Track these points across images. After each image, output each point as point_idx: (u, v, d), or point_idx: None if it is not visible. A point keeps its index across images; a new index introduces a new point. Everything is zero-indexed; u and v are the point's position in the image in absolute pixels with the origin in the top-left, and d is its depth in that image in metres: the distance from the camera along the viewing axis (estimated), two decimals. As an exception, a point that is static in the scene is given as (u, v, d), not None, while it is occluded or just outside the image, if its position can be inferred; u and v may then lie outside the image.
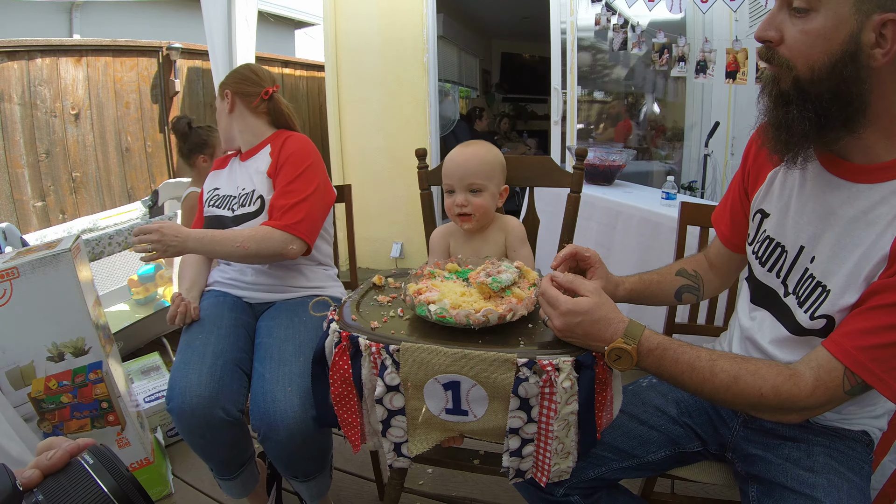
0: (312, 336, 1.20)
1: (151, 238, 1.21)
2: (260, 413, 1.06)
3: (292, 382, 1.08)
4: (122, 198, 3.34)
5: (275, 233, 1.24)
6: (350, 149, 3.61)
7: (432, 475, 1.61)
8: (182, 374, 1.10)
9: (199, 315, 1.26)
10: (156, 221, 1.30)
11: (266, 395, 1.07)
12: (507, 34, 6.98)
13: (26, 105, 2.83)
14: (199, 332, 1.21)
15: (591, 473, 0.92)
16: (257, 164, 1.39)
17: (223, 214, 1.38)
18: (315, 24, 7.07)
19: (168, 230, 1.22)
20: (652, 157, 3.76)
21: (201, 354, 1.13)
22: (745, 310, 0.93)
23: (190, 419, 1.07)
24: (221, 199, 1.42)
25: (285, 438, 1.05)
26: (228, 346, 1.17)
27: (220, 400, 1.07)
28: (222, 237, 1.25)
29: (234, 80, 1.44)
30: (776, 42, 0.70)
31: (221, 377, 1.10)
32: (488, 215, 1.13)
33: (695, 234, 1.30)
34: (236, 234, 1.26)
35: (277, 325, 1.24)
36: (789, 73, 0.69)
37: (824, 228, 0.76)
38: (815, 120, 0.69)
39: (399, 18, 3.30)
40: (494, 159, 1.13)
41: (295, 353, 1.15)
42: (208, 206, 1.44)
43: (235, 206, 1.37)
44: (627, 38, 2.87)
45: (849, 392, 0.69)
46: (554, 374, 0.74)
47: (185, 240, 1.23)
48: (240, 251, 1.24)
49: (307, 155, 1.34)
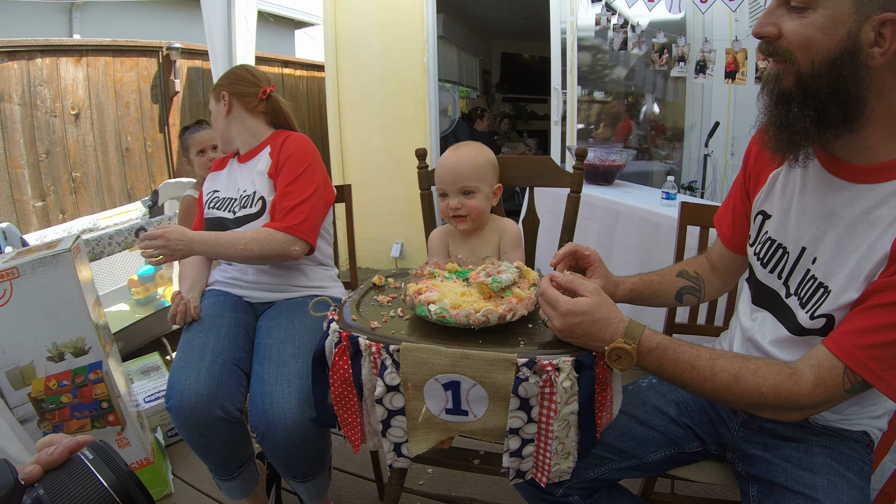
0: (312, 338, 1.20)
1: (157, 244, 1.22)
2: (258, 414, 1.07)
3: (291, 384, 1.08)
4: (122, 198, 3.34)
5: (277, 234, 1.25)
6: (350, 149, 3.61)
7: (432, 475, 1.61)
8: (181, 373, 1.10)
9: (200, 314, 1.26)
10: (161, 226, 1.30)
11: (264, 396, 1.07)
12: (507, 34, 6.98)
13: (26, 105, 2.83)
14: (198, 331, 1.21)
15: (591, 473, 0.92)
16: (258, 165, 1.39)
17: (224, 216, 1.38)
18: (315, 24, 7.07)
19: (173, 234, 1.23)
20: (652, 157, 3.76)
21: (200, 353, 1.14)
22: (746, 311, 0.93)
23: (188, 417, 1.07)
24: (222, 201, 1.42)
25: (283, 439, 1.05)
26: (228, 346, 1.18)
27: (218, 398, 1.07)
28: (226, 239, 1.26)
29: (230, 81, 1.43)
30: (774, 37, 0.70)
31: (220, 376, 1.10)
32: (483, 215, 1.15)
33: (695, 235, 1.30)
34: (240, 236, 1.26)
35: (277, 325, 1.24)
36: (791, 67, 0.69)
37: (826, 229, 0.76)
38: (816, 117, 0.69)
39: (399, 18, 3.30)
40: (485, 160, 1.14)
41: (294, 355, 1.15)
42: (208, 207, 1.44)
43: (237, 208, 1.37)
44: (627, 38, 2.87)
45: (849, 391, 0.69)
46: (554, 374, 0.74)
47: (189, 242, 1.24)
48: (244, 253, 1.25)
49: (307, 155, 1.34)
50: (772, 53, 0.71)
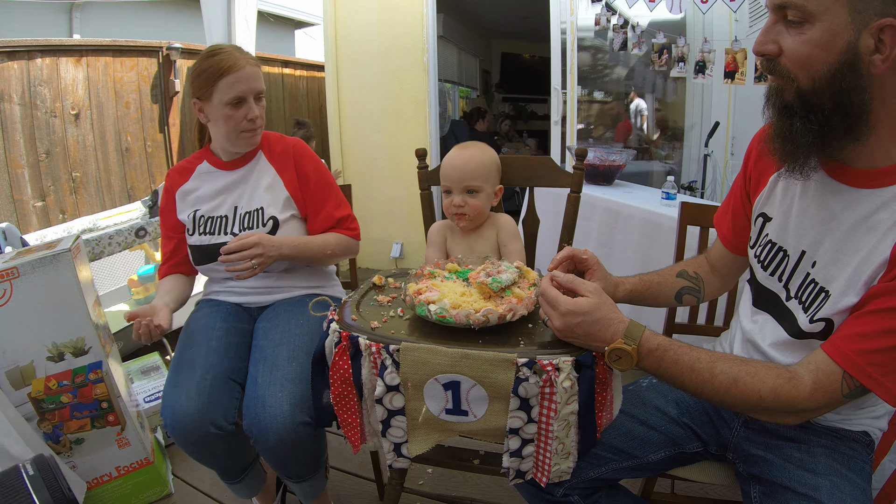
0: (308, 340, 1.19)
1: (254, 252, 1.15)
2: (251, 417, 1.07)
3: (283, 388, 1.07)
4: (122, 198, 3.33)
5: (353, 242, 1.36)
6: (350, 149, 3.61)
7: (432, 475, 1.61)
8: (171, 393, 1.09)
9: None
10: (247, 233, 1.20)
11: (257, 399, 1.07)
12: (507, 34, 6.99)
13: (26, 105, 2.82)
14: (189, 347, 1.19)
15: (591, 473, 0.92)
16: (260, 178, 1.29)
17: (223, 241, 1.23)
18: (315, 24, 7.07)
19: (266, 241, 1.17)
20: (652, 157, 3.76)
21: (190, 371, 1.12)
22: (746, 313, 0.93)
23: (182, 436, 1.08)
24: (213, 223, 1.29)
25: (275, 443, 1.05)
26: (218, 360, 1.15)
27: (209, 416, 1.07)
28: (314, 244, 1.27)
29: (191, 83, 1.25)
30: (775, 54, 0.70)
31: (210, 393, 1.09)
32: (482, 215, 1.17)
33: (695, 235, 1.30)
34: (325, 241, 1.28)
35: (274, 326, 1.23)
36: (792, 84, 0.69)
37: (825, 233, 0.76)
38: (819, 131, 0.69)
39: (399, 18, 3.30)
40: (490, 161, 1.16)
41: (288, 358, 1.14)
42: (198, 234, 1.28)
43: (236, 230, 1.27)
44: (627, 39, 2.87)
45: (847, 395, 0.69)
46: (554, 374, 0.74)
47: (279, 247, 1.20)
48: (327, 257, 1.30)
49: (313, 156, 1.34)
50: (772, 71, 0.71)
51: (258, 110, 1.24)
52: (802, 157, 0.73)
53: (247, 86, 1.21)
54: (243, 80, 1.20)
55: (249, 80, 1.21)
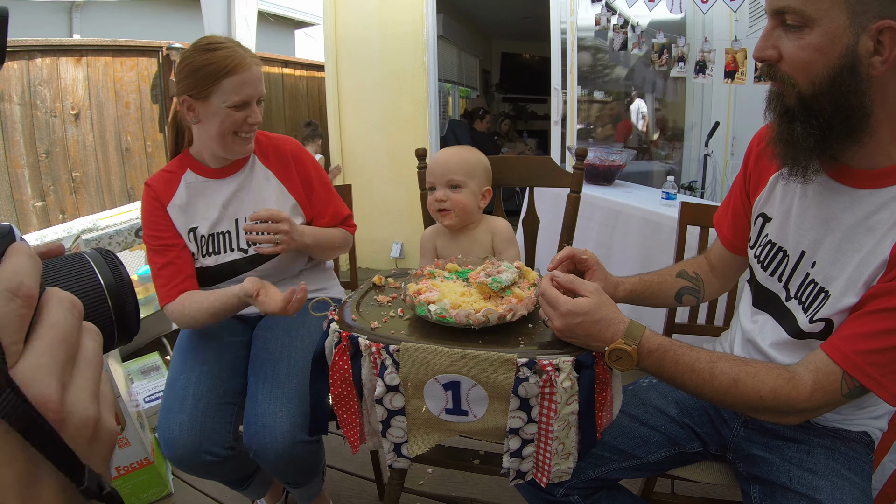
0: (307, 353, 1.15)
1: (282, 227, 1.09)
2: (251, 433, 1.07)
3: (283, 407, 1.07)
4: (122, 198, 3.33)
5: (351, 238, 1.37)
6: (350, 149, 3.61)
7: (432, 475, 1.61)
8: (165, 424, 1.08)
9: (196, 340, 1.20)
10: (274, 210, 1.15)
11: (257, 417, 1.07)
12: (507, 34, 6.99)
13: (26, 105, 2.82)
14: (181, 372, 1.15)
15: (592, 473, 0.92)
16: (258, 185, 1.22)
17: (233, 259, 1.19)
18: (315, 24, 7.07)
19: (293, 224, 1.13)
20: (652, 157, 3.76)
21: (181, 400, 1.10)
22: (746, 313, 0.93)
23: (179, 463, 1.08)
24: (216, 241, 1.19)
25: (274, 460, 1.05)
26: (211, 385, 1.12)
27: (203, 445, 1.06)
28: (327, 238, 1.27)
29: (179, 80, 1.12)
30: (775, 60, 0.70)
31: (203, 422, 1.07)
32: (468, 212, 1.14)
33: (695, 235, 1.30)
34: (333, 236, 1.29)
35: (273, 336, 1.20)
36: (793, 90, 0.69)
37: (825, 234, 0.76)
38: (820, 135, 0.69)
39: (399, 18, 3.30)
40: (476, 160, 1.16)
41: (288, 374, 1.12)
42: (201, 255, 1.19)
43: (243, 244, 1.20)
44: (627, 39, 2.87)
45: (847, 395, 0.69)
46: (554, 374, 0.74)
47: (303, 235, 1.17)
48: (333, 251, 1.32)
49: (309, 156, 1.33)
50: (773, 76, 0.71)
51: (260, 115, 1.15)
52: (804, 160, 0.73)
53: (254, 89, 1.10)
54: (251, 83, 1.09)
55: (257, 83, 1.11)
